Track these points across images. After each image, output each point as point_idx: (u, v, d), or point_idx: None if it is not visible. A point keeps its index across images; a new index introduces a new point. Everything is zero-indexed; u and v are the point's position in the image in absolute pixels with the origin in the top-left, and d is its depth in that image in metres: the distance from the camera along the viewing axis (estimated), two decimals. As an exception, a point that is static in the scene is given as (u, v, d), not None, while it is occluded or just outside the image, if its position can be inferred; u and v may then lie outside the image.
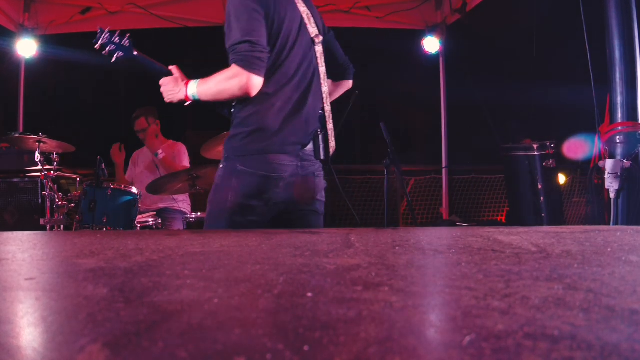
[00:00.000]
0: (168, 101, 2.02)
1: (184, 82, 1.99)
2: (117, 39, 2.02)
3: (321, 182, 2.13)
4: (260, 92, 1.90)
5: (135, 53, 2.07)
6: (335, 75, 2.25)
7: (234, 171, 1.93)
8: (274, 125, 1.93)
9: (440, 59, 6.29)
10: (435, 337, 0.50)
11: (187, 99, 1.98)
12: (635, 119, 3.46)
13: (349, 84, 2.32)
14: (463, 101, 6.49)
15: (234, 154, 1.95)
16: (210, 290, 0.67)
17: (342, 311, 0.56)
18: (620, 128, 3.43)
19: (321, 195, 2.14)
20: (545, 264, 0.88)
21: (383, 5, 5.76)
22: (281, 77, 1.96)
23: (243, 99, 1.92)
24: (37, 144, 3.56)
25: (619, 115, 3.49)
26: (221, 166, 2.00)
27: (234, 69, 1.85)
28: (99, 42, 2.02)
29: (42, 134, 3.60)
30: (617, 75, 3.50)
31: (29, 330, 0.52)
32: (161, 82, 2.02)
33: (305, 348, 0.44)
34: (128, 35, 2.05)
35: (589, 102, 3.65)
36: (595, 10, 3.62)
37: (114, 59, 2.04)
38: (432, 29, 5.90)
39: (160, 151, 4.09)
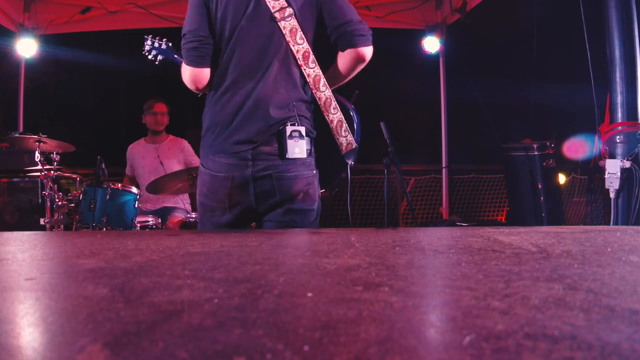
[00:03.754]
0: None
1: None
2: (157, 44, 2.16)
3: (291, 185, 1.79)
4: (213, 85, 1.83)
5: (176, 56, 2.16)
6: (338, 44, 1.85)
7: (200, 171, 1.90)
8: (220, 122, 1.80)
9: (440, 59, 6.29)
10: (435, 337, 0.50)
11: None
12: (635, 118, 3.46)
13: (357, 52, 1.81)
14: (463, 101, 6.49)
15: (200, 153, 1.91)
16: (210, 290, 0.67)
17: (342, 311, 0.56)
18: (620, 128, 3.43)
19: (295, 202, 1.81)
20: (545, 264, 0.88)
21: (383, 5, 5.76)
22: (228, 66, 1.79)
23: (208, 94, 1.87)
24: (37, 143, 3.56)
25: (619, 114, 3.49)
26: None
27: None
28: (145, 49, 2.16)
29: (42, 134, 3.60)
30: (617, 75, 3.50)
31: (29, 330, 0.52)
32: None
33: (305, 348, 0.44)
34: (165, 40, 2.18)
35: (589, 102, 3.65)
36: (595, 10, 3.62)
37: (157, 62, 2.17)
38: (432, 29, 5.90)
39: None
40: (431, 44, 5.94)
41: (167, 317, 0.54)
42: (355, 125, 1.90)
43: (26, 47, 5.37)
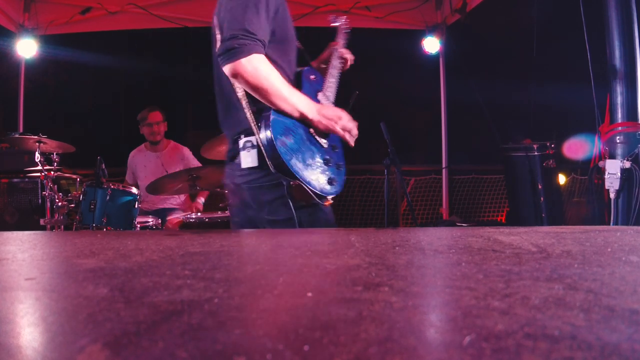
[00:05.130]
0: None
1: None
2: None
3: (257, 195, 1.85)
4: None
5: None
6: None
7: None
8: None
9: (440, 59, 6.29)
10: (435, 337, 0.50)
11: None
12: (635, 118, 3.46)
13: (225, 71, 1.78)
14: (463, 101, 6.50)
15: None
16: (210, 290, 0.67)
17: (342, 311, 0.56)
18: (620, 128, 3.44)
19: (263, 211, 1.85)
20: (545, 264, 0.88)
21: (383, 5, 5.76)
22: None
23: None
24: (37, 144, 3.56)
25: (619, 115, 3.50)
26: None
27: None
28: None
29: (42, 134, 3.60)
30: (617, 75, 3.50)
31: (29, 330, 0.52)
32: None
33: (305, 348, 0.44)
34: None
35: (589, 102, 3.65)
36: (595, 10, 3.63)
37: None
38: (432, 29, 5.91)
39: (202, 199, 4.35)
40: (431, 45, 5.95)
41: (167, 317, 0.54)
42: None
43: (26, 48, 5.37)
